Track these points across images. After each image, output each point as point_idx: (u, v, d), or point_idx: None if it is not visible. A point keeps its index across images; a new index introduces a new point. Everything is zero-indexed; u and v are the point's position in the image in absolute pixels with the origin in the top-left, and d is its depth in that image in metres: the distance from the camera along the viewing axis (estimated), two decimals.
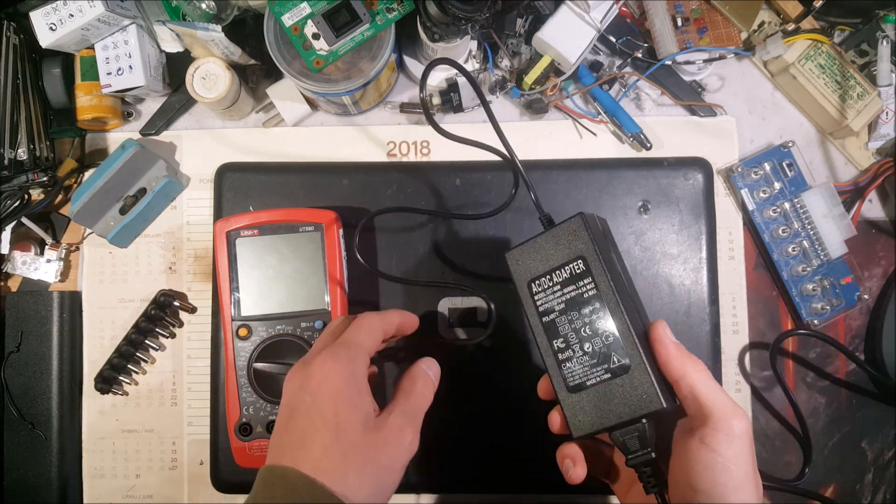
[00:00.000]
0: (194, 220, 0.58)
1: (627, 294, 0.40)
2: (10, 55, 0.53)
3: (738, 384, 0.56)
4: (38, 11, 0.51)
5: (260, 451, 0.50)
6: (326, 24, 0.48)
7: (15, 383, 0.56)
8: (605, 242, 0.41)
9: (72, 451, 0.56)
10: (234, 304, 0.50)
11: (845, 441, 0.57)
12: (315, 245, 0.51)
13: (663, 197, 0.55)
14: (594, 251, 0.39)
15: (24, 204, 0.56)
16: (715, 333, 0.54)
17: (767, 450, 0.56)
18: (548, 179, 0.55)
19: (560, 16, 0.54)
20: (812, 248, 0.56)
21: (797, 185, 0.57)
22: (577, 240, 0.40)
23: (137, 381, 0.57)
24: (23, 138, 0.54)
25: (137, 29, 0.53)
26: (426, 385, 0.42)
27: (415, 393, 0.41)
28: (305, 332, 0.50)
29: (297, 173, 0.56)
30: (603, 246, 0.40)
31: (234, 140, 0.59)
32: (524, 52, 0.57)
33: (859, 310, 0.58)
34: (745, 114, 0.59)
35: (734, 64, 0.60)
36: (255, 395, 0.50)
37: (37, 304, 0.56)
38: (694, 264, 0.55)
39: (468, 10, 0.47)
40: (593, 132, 0.58)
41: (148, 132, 0.59)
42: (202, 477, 0.56)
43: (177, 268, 0.58)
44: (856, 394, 0.57)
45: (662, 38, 0.56)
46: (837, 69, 0.57)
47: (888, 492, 0.57)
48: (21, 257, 0.56)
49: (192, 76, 0.53)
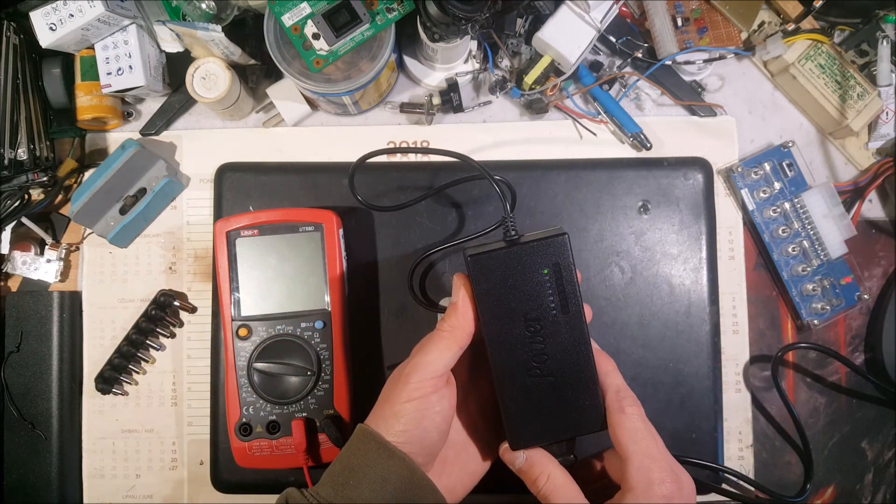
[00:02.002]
0: (194, 220, 0.58)
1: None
2: (10, 55, 0.53)
3: (738, 384, 0.56)
4: (38, 11, 0.51)
5: (260, 450, 0.50)
6: (326, 24, 0.48)
7: (15, 383, 0.56)
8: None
9: (72, 451, 0.56)
10: (234, 304, 0.50)
11: (845, 441, 0.57)
12: (315, 245, 0.51)
13: (663, 197, 0.55)
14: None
15: (24, 204, 0.56)
16: (715, 333, 0.54)
17: (767, 450, 0.56)
18: (548, 179, 0.55)
19: (560, 16, 0.54)
20: (812, 248, 0.56)
21: (797, 185, 0.57)
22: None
23: (137, 381, 0.57)
24: (23, 138, 0.54)
25: (137, 29, 0.53)
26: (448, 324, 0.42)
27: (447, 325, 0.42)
28: (305, 332, 0.50)
29: (297, 173, 0.56)
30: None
31: (234, 140, 0.59)
32: (524, 52, 0.57)
33: (859, 310, 0.58)
34: (745, 114, 0.59)
35: (734, 64, 0.60)
36: (255, 395, 0.50)
37: (37, 304, 0.56)
38: (694, 264, 0.55)
39: (468, 10, 0.47)
40: (593, 132, 0.58)
41: (148, 132, 0.59)
42: (202, 477, 0.56)
43: (177, 268, 0.58)
44: (856, 395, 0.57)
45: (662, 38, 0.56)
46: (837, 69, 0.57)
47: (888, 492, 0.57)
48: (21, 257, 0.56)
49: (192, 76, 0.53)
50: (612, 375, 0.42)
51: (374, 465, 0.38)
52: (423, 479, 0.38)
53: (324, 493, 0.38)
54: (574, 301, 0.39)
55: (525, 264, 0.39)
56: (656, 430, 0.40)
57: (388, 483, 0.37)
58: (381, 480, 0.38)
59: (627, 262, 0.55)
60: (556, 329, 0.40)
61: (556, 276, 0.39)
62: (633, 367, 0.54)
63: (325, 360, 0.50)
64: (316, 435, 0.50)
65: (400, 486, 0.38)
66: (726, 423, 0.55)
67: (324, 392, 0.50)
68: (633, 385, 0.41)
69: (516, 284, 0.39)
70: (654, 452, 0.38)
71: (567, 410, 0.41)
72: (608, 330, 0.54)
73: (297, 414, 0.50)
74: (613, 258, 0.55)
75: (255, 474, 0.52)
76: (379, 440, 0.38)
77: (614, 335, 0.54)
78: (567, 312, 0.39)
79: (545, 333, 0.40)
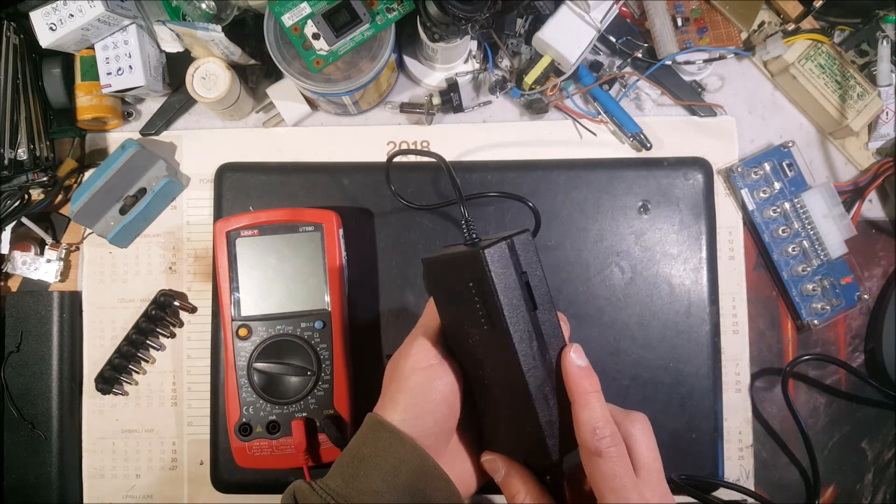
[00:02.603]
0: (194, 220, 0.58)
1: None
2: (10, 55, 0.53)
3: (738, 384, 0.56)
4: (38, 11, 0.51)
5: (260, 450, 0.50)
6: (326, 24, 0.48)
7: (15, 383, 0.56)
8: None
9: (72, 451, 0.56)
10: (234, 304, 0.50)
11: (845, 441, 0.57)
12: (315, 245, 0.51)
13: (663, 197, 0.55)
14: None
15: (24, 204, 0.56)
16: (715, 333, 0.54)
17: (767, 450, 0.56)
18: (548, 179, 0.55)
19: (560, 16, 0.54)
20: (812, 248, 0.56)
21: (797, 185, 0.57)
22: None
23: (137, 381, 0.57)
24: (23, 138, 0.54)
25: (137, 29, 0.53)
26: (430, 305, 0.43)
27: (425, 313, 0.43)
28: (305, 332, 0.50)
29: (297, 173, 0.56)
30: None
31: (234, 140, 0.59)
32: (524, 52, 0.57)
33: (859, 310, 0.58)
34: (745, 114, 0.59)
35: (734, 64, 0.60)
36: (255, 395, 0.50)
37: (37, 304, 0.56)
38: (694, 264, 0.55)
39: (468, 10, 0.47)
40: (593, 132, 0.58)
41: (148, 132, 0.59)
42: (202, 477, 0.56)
43: (177, 268, 0.58)
44: (855, 397, 0.57)
45: (662, 38, 0.56)
46: (837, 69, 0.57)
47: (888, 492, 0.57)
48: (21, 257, 0.56)
49: (192, 76, 0.53)
50: (586, 409, 0.36)
51: (385, 453, 0.37)
52: (434, 468, 0.38)
53: (333, 485, 0.37)
54: (498, 319, 0.36)
55: (456, 275, 0.37)
56: (656, 429, 0.39)
57: (400, 472, 0.37)
58: (392, 470, 0.37)
59: (627, 262, 0.55)
60: (488, 344, 0.37)
61: (478, 290, 0.36)
62: (632, 367, 0.54)
63: (325, 360, 0.50)
64: (316, 435, 0.50)
65: (411, 476, 0.37)
66: (726, 423, 0.55)
67: (324, 392, 0.50)
68: (633, 385, 0.41)
69: (454, 293, 0.38)
70: (631, 500, 0.35)
71: (514, 431, 0.39)
72: (608, 330, 0.54)
73: (297, 414, 0.50)
74: (613, 258, 0.55)
75: (255, 474, 0.52)
76: (389, 428, 0.38)
77: (614, 335, 0.54)
78: (494, 329, 0.36)
79: (480, 345, 0.38)
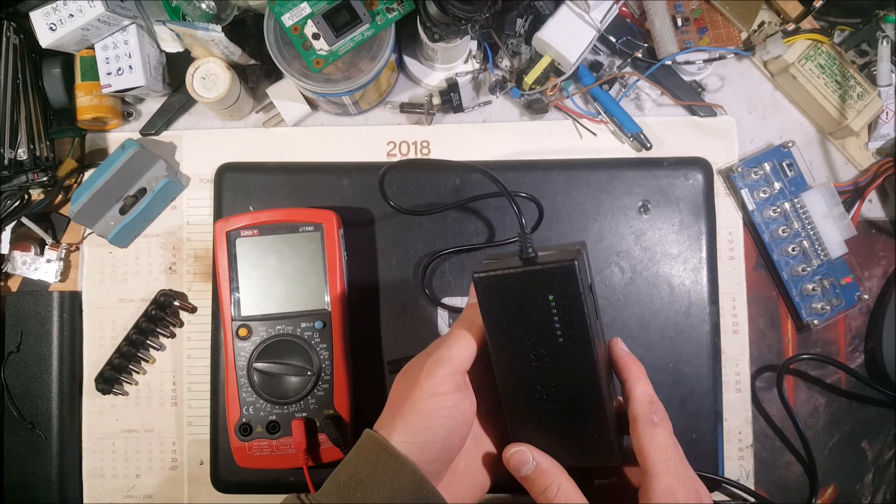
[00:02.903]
0: (194, 220, 0.58)
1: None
2: (10, 55, 0.53)
3: (738, 384, 0.56)
4: (38, 11, 0.51)
5: (260, 450, 0.50)
6: (326, 24, 0.48)
7: (15, 383, 0.56)
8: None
9: (72, 451, 0.56)
10: (234, 304, 0.50)
11: (845, 441, 0.57)
12: (315, 245, 0.51)
13: (663, 197, 0.55)
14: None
15: (24, 204, 0.56)
16: (715, 333, 0.54)
17: (767, 450, 0.56)
18: (548, 179, 0.55)
19: (560, 16, 0.54)
20: (812, 248, 0.56)
21: (797, 185, 0.57)
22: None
23: (137, 381, 0.57)
24: (23, 138, 0.54)
25: (137, 29, 0.53)
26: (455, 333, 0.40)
27: (452, 334, 0.40)
28: (305, 332, 0.50)
29: (297, 173, 0.56)
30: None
31: (234, 140, 0.59)
32: (524, 52, 0.57)
33: (859, 310, 0.58)
34: (745, 114, 0.59)
35: (734, 64, 0.60)
36: (255, 395, 0.50)
37: (37, 304, 0.56)
38: (694, 264, 0.55)
39: (468, 10, 0.47)
40: (593, 132, 0.58)
41: (148, 132, 0.59)
42: (202, 477, 0.56)
43: (177, 268, 0.58)
44: (855, 397, 0.57)
45: (662, 38, 0.56)
46: (837, 69, 0.57)
47: (888, 492, 0.56)
48: (21, 257, 0.56)
49: (192, 76, 0.53)
50: (641, 383, 0.39)
51: (384, 477, 0.36)
52: (432, 494, 0.37)
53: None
54: (581, 331, 0.37)
55: (529, 290, 0.36)
56: None
57: (398, 498, 0.36)
58: (390, 495, 0.36)
59: (627, 262, 0.55)
60: (561, 358, 0.37)
61: (560, 304, 0.36)
62: None
63: (324, 360, 0.50)
64: (316, 435, 0.50)
65: (409, 502, 0.36)
66: (726, 423, 0.55)
67: (324, 392, 0.50)
68: None
69: (522, 309, 0.37)
70: (682, 473, 0.37)
71: (575, 439, 0.39)
72: (608, 330, 0.54)
73: (297, 414, 0.50)
74: (613, 258, 0.55)
75: (255, 474, 0.52)
76: (391, 451, 0.36)
77: (614, 335, 0.54)
78: (574, 342, 0.37)
79: (550, 361, 0.38)
